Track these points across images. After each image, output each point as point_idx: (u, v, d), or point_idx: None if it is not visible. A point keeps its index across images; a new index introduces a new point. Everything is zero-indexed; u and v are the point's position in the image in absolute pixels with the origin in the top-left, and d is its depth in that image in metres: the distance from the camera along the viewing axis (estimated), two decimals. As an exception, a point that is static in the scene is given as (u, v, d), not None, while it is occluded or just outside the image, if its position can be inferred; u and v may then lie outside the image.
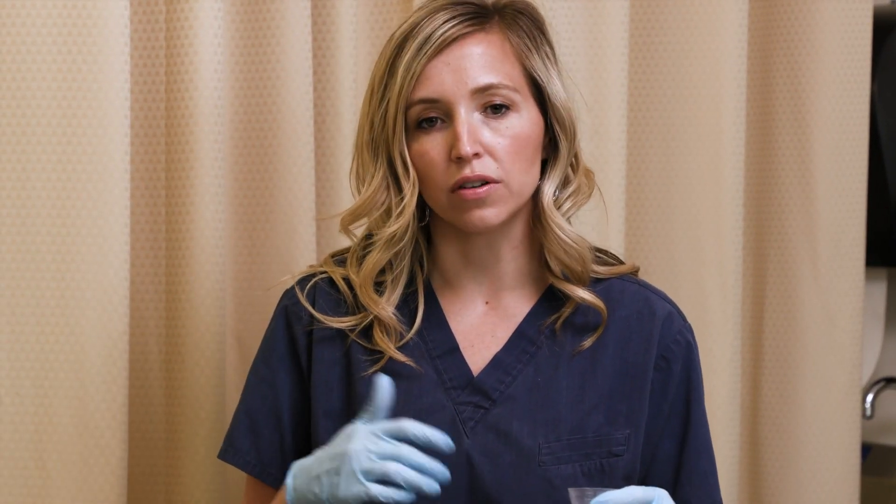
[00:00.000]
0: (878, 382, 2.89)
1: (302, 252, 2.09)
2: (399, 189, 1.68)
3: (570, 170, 1.74)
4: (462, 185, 1.65)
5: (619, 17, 2.34)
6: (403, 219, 1.68)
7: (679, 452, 1.74)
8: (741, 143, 2.42)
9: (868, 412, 2.83)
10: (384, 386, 1.59)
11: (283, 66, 2.09)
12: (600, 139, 2.33)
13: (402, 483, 1.55)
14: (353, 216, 1.73)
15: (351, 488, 1.56)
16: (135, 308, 2.05)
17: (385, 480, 1.55)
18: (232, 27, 2.10)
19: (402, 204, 1.68)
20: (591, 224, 2.30)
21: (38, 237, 1.94)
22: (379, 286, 1.73)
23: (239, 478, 2.05)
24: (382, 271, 1.73)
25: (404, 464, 1.55)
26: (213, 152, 2.02)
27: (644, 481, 1.73)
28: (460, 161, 1.65)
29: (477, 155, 1.65)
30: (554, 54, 1.73)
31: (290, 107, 2.09)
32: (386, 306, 1.72)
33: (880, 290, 2.95)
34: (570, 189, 1.74)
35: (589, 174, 1.77)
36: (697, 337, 2.42)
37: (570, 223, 1.74)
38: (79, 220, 1.94)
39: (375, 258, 1.71)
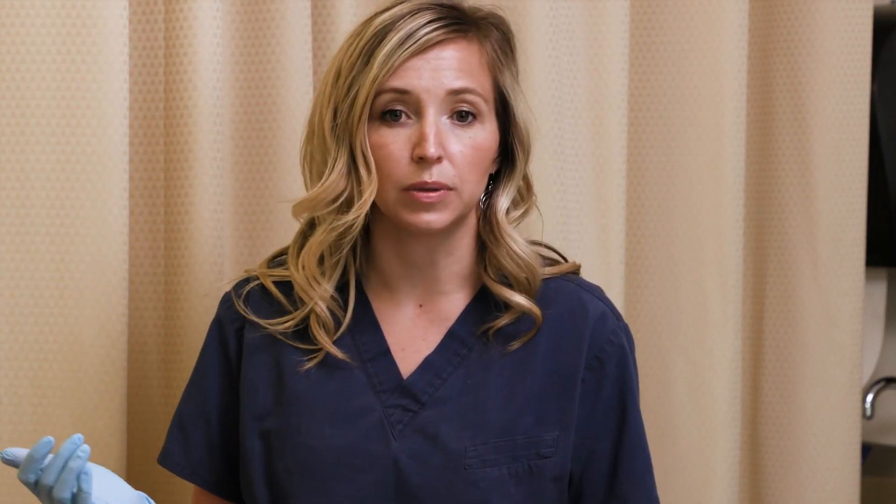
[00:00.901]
0: (878, 382, 2.89)
1: (302, 252, 2.09)
2: (358, 180, 1.66)
3: (522, 185, 1.75)
4: (417, 188, 1.65)
5: (619, 17, 2.34)
6: (361, 211, 1.66)
7: (615, 452, 1.73)
8: (741, 143, 2.42)
9: (868, 412, 2.83)
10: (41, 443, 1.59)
11: (283, 66, 2.09)
12: (600, 139, 2.33)
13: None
14: (313, 204, 1.70)
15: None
16: (133, 308, 2.05)
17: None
18: (232, 27, 2.10)
19: (364, 197, 1.66)
20: (591, 221, 2.30)
21: (37, 237, 1.94)
22: (318, 265, 1.73)
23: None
24: (321, 261, 1.72)
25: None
26: (212, 152, 2.02)
27: (581, 481, 1.72)
28: (422, 161, 1.64)
29: (439, 159, 1.65)
30: (518, 73, 1.74)
31: (290, 107, 2.09)
32: (325, 283, 1.71)
33: (880, 290, 2.95)
34: (521, 210, 1.75)
35: (532, 195, 1.77)
36: (698, 337, 2.44)
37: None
38: (78, 219, 1.94)
39: (320, 238, 1.69)
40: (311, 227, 1.74)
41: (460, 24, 1.68)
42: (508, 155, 1.73)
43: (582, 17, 2.33)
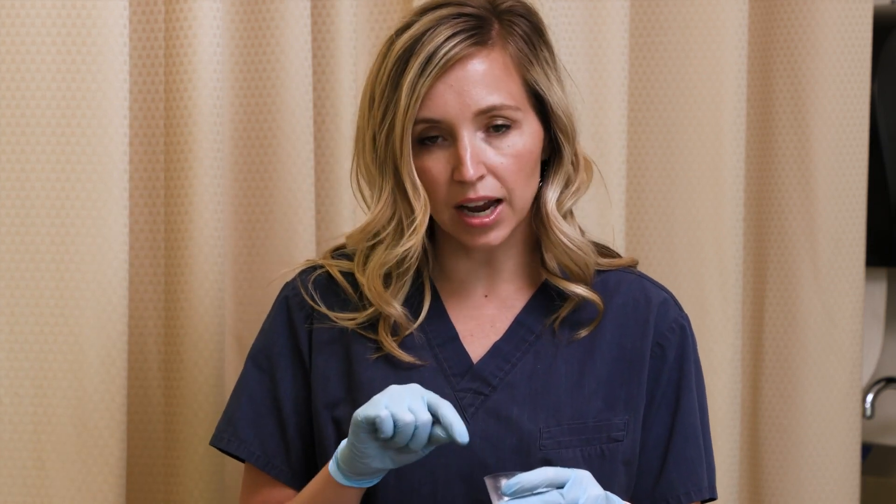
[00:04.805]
0: (878, 382, 2.89)
1: (302, 252, 2.09)
2: (408, 206, 1.68)
3: (571, 168, 1.75)
4: (465, 205, 1.66)
5: (619, 17, 2.34)
6: (416, 238, 1.68)
7: (667, 439, 1.75)
8: (741, 143, 2.42)
9: (868, 412, 2.83)
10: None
11: (283, 66, 2.09)
12: (600, 139, 2.33)
13: (394, 417, 1.56)
14: (364, 234, 1.73)
15: (366, 409, 1.57)
16: (134, 308, 2.05)
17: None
18: (231, 27, 2.10)
19: (415, 224, 1.68)
20: (595, 218, 2.30)
21: (37, 237, 1.94)
22: (386, 278, 1.74)
23: (237, 476, 2.05)
24: (388, 279, 1.74)
25: (416, 414, 1.56)
26: (212, 152, 2.02)
27: (636, 467, 1.74)
28: (463, 183, 1.66)
29: (481, 177, 1.66)
30: (552, 57, 1.73)
31: (290, 107, 2.09)
32: (394, 302, 1.72)
33: (880, 290, 2.95)
34: (573, 188, 1.75)
35: (589, 166, 1.78)
36: (698, 336, 2.43)
37: (572, 214, 1.75)
38: (78, 220, 1.94)
39: (381, 260, 1.71)
40: (376, 235, 1.74)
41: (480, 31, 1.67)
42: (555, 144, 1.73)
43: (582, 17, 2.33)
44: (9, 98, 1.93)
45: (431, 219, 1.73)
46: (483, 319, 1.76)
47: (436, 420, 1.57)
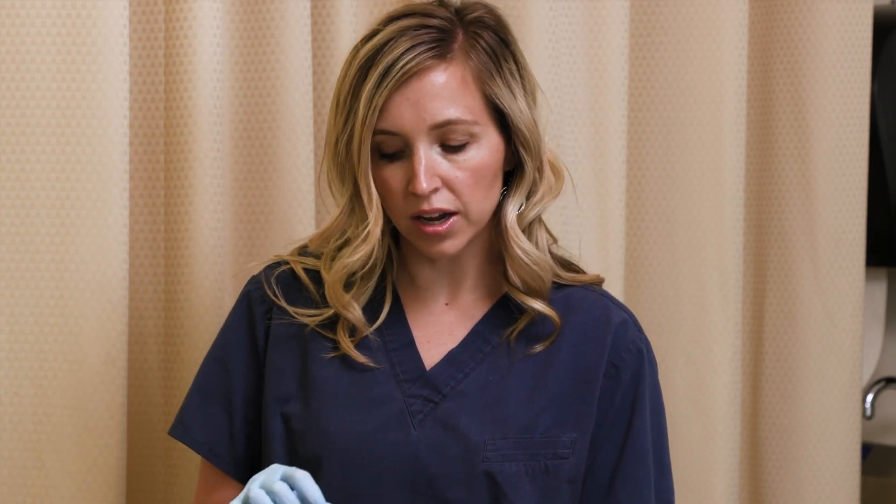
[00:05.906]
0: (878, 382, 2.89)
1: (302, 252, 2.09)
2: (364, 215, 1.69)
3: (536, 177, 1.73)
4: (420, 216, 1.67)
5: (619, 17, 2.34)
6: (367, 246, 1.69)
7: (617, 459, 1.73)
8: (741, 143, 2.42)
9: (868, 412, 2.83)
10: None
11: (283, 66, 2.09)
12: (600, 139, 2.34)
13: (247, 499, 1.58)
14: (322, 239, 1.75)
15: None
16: (134, 308, 2.05)
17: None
18: (231, 27, 2.10)
19: (367, 231, 1.68)
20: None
21: (37, 237, 1.94)
22: (349, 277, 1.74)
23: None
24: (349, 284, 1.74)
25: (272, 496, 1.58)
26: (212, 152, 2.02)
27: (583, 483, 1.73)
28: (418, 196, 1.66)
29: (435, 190, 1.66)
30: (519, 70, 1.71)
31: (289, 107, 2.09)
32: (353, 306, 1.73)
33: (880, 290, 2.95)
34: (535, 199, 1.74)
35: (558, 173, 1.76)
36: (698, 337, 2.44)
37: (540, 221, 1.75)
38: (78, 219, 1.94)
39: (339, 274, 1.72)
40: (345, 241, 1.75)
41: (441, 44, 1.66)
42: (517, 157, 1.72)
43: (582, 17, 2.33)
44: (9, 98, 1.93)
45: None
46: (442, 326, 1.76)
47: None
